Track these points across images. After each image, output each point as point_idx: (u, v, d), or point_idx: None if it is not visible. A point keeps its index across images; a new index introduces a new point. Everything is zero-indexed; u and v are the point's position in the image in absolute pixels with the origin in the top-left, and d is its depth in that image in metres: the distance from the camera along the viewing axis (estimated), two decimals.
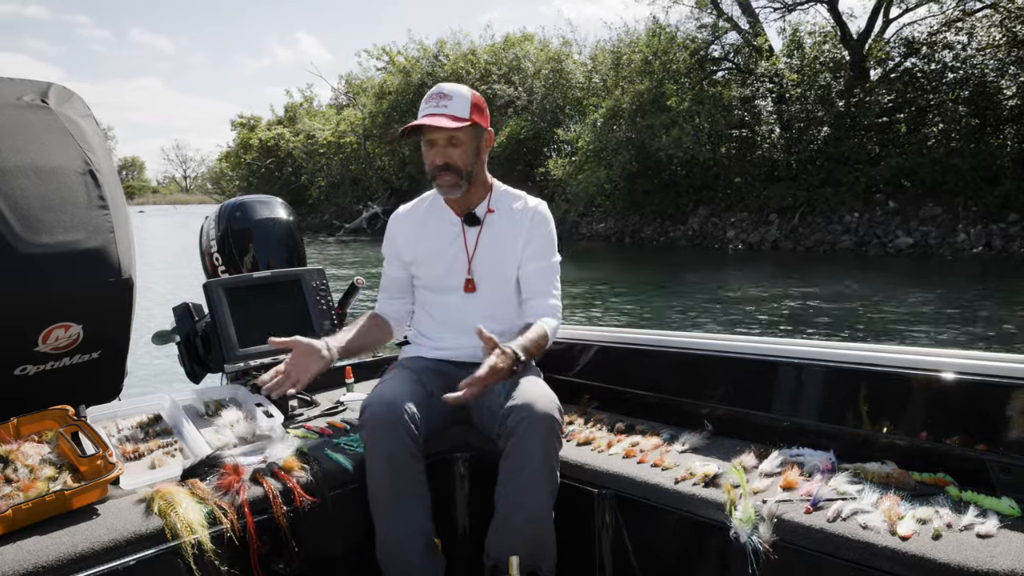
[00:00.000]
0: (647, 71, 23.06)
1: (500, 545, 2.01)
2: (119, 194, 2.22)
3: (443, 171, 2.26)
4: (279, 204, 2.73)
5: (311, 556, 1.99)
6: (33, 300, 1.99)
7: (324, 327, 2.46)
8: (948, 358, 1.86)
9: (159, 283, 14.45)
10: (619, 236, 24.06)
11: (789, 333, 9.58)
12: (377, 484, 2.01)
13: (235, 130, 52.68)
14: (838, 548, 1.60)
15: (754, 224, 20.93)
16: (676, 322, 10.68)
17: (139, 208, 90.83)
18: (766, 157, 21.56)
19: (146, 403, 2.29)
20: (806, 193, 19.96)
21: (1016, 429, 1.72)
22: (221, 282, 2.30)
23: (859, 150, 19.86)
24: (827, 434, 2.03)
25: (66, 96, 2.26)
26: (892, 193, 19.01)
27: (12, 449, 1.84)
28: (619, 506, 2.06)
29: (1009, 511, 1.62)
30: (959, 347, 2.52)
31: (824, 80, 21.27)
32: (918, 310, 10.81)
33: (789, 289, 13.23)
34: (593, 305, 12.16)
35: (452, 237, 2.38)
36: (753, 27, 22.94)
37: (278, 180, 46.42)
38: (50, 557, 1.55)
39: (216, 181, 69.33)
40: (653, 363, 2.24)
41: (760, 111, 22.20)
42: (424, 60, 34.95)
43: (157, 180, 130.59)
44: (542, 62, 29.28)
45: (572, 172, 23.76)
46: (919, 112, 19.68)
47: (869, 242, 18.53)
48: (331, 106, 47.04)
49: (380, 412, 2.01)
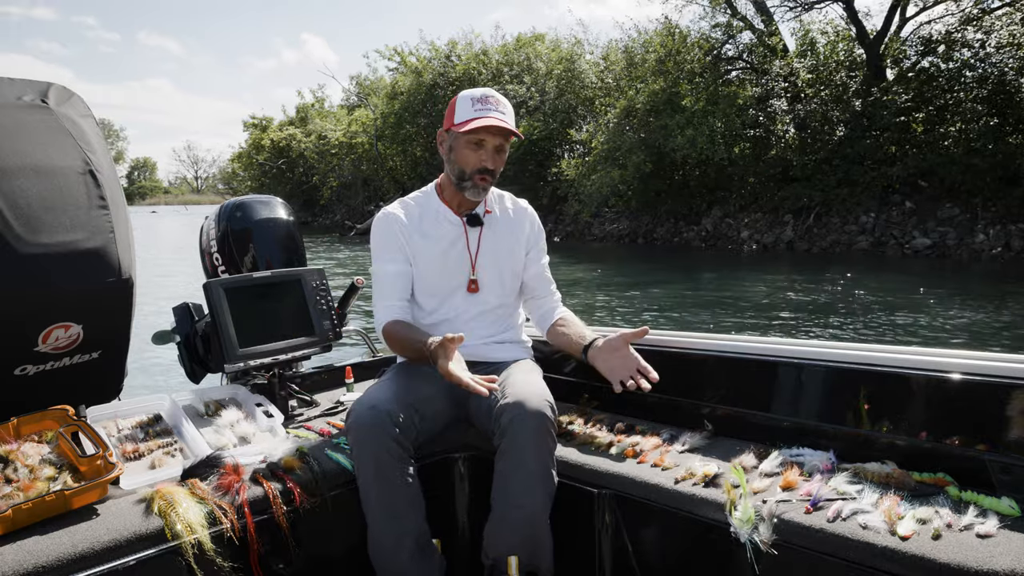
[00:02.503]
0: (661, 71, 23.01)
1: (497, 544, 2.00)
2: (119, 194, 2.22)
3: (486, 174, 2.30)
4: (279, 204, 2.73)
5: (311, 556, 2.00)
6: (33, 300, 2.00)
7: (324, 327, 2.46)
8: (948, 358, 1.85)
9: (172, 282, 14.53)
10: (632, 237, 24.02)
11: (806, 336, 9.51)
12: (365, 487, 2.01)
13: (247, 131, 53.06)
14: (838, 548, 1.59)
15: (768, 225, 20.83)
16: (693, 325, 10.62)
17: (152, 208, 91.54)
18: (780, 157, 21.43)
19: (146, 403, 2.30)
20: (821, 193, 19.84)
21: (1016, 429, 1.71)
22: (221, 282, 2.30)
23: (875, 150, 19.69)
24: (827, 434, 2.02)
25: (66, 96, 2.27)
26: (909, 193, 18.86)
27: (12, 449, 1.85)
28: (619, 506, 2.05)
29: (1009, 511, 1.60)
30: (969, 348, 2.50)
31: (840, 79, 21.15)
32: (942, 313, 10.69)
33: (806, 290, 13.15)
34: (607, 308, 12.11)
35: (454, 238, 2.39)
36: (767, 26, 22.83)
37: (290, 181, 46.71)
38: (50, 557, 1.55)
39: (228, 181, 69.80)
40: (653, 363, 2.23)
41: (775, 111, 22.06)
42: (436, 60, 35.03)
43: (169, 181, 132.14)
44: (554, 62, 29.27)
45: (586, 172, 23.73)
46: (937, 111, 19.49)
47: (886, 243, 18.39)
48: (343, 107, 47.28)
49: (363, 416, 2.00)
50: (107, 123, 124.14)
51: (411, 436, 2.05)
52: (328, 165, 41.63)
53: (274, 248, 2.63)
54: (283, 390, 2.55)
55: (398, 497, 2.00)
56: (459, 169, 2.31)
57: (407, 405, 2.08)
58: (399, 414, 2.03)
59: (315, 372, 2.95)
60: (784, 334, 9.60)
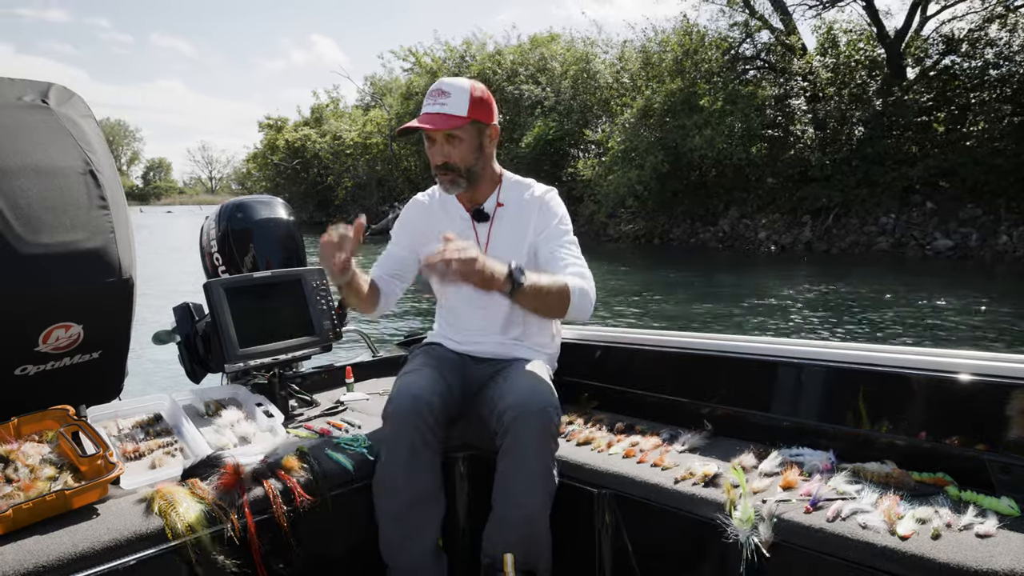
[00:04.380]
0: (679, 70, 22.92)
1: (495, 542, 2.01)
2: (119, 194, 2.23)
3: (442, 170, 2.25)
4: (279, 204, 2.74)
5: (311, 556, 2.00)
6: (33, 300, 2.00)
7: (324, 327, 2.47)
8: (948, 358, 1.85)
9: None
10: (648, 237, 23.92)
11: (826, 338, 9.41)
12: (392, 475, 2.02)
13: (262, 131, 53.27)
14: (837, 548, 1.59)
15: (786, 225, 20.68)
16: (710, 326, 10.55)
17: (167, 208, 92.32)
18: (799, 157, 21.24)
19: (146, 403, 2.31)
20: (840, 194, 19.67)
21: (1016, 429, 1.70)
22: (221, 282, 2.30)
23: (896, 150, 19.49)
24: (827, 434, 2.02)
25: (66, 96, 2.28)
26: (930, 194, 18.65)
27: (13, 449, 1.86)
28: (619, 506, 2.05)
29: (1008, 511, 1.61)
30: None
31: (860, 78, 20.96)
32: (967, 316, 10.57)
33: (826, 292, 13.03)
34: (624, 311, 12.06)
35: (462, 231, 2.35)
36: (786, 25, 22.68)
37: (304, 181, 46.82)
38: (50, 557, 1.55)
39: (242, 182, 70.14)
40: (653, 363, 2.23)
41: (793, 110, 21.89)
42: (450, 61, 35.06)
43: (184, 181, 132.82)
44: (569, 63, 29.22)
45: (602, 173, 23.66)
46: (959, 111, 19.26)
47: (906, 244, 18.20)
48: (357, 107, 47.39)
49: (406, 403, 2.02)
50: (122, 124, 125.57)
51: (443, 427, 2.08)
52: (343, 165, 41.74)
53: (274, 248, 2.64)
54: (283, 390, 2.56)
55: (426, 487, 2.02)
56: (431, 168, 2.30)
57: (440, 396, 2.10)
58: (439, 405, 2.06)
59: (315, 372, 2.95)
60: (810, 335, 9.51)
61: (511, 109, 29.81)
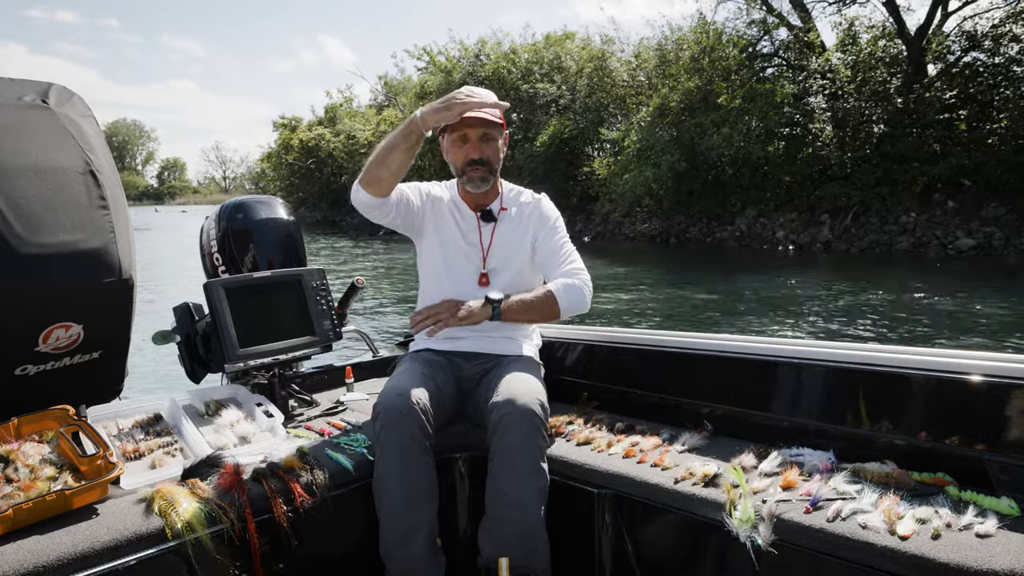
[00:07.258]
0: (696, 68, 22.81)
1: (490, 544, 2.01)
2: (119, 194, 2.24)
3: (477, 165, 2.36)
4: (279, 204, 2.74)
5: (311, 556, 2.00)
6: (34, 300, 2.01)
7: (324, 327, 2.47)
8: (948, 358, 1.84)
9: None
10: (664, 237, 23.82)
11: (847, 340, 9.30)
12: (385, 475, 2.02)
13: (277, 131, 53.52)
14: (837, 548, 1.59)
15: (804, 225, 20.49)
16: (724, 327, 10.48)
17: (181, 208, 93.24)
18: (818, 155, 21.02)
19: (146, 403, 2.32)
20: (860, 193, 19.46)
21: (1016, 429, 1.69)
22: (221, 282, 2.30)
23: (917, 148, 19.22)
24: (827, 434, 2.01)
25: (66, 96, 2.29)
26: (952, 192, 18.41)
27: (13, 449, 1.86)
28: (618, 506, 2.05)
29: (1008, 511, 1.60)
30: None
31: (880, 76, 20.73)
32: (994, 316, 10.44)
33: (846, 291, 12.91)
34: (637, 310, 12.02)
35: (467, 231, 2.47)
36: (804, 22, 22.50)
37: (318, 180, 47.02)
38: (50, 557, 1.56)
39: (256, 181, 70.49)
40: (653, 363, 2.22)
41: (812, 108, 21.72)
42: (465, 60, 35.07)
43: (198, 181, 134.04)
44: (584, 61, 29.14)
45: (618, 172, 23.60)
46: (981, 108, 18.97)
47: (928, 243, 17.95)
48: (371, 107, 47.53)
49: (393, 403, 2.04)
50: (138, 124, 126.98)
51: (433, 427, 2.09)
52: (357, 165, 41.73)
53: (274, 248, 2.64)
54: (283, 390, 2.56)
55: (418, 487, 2.02)
56: (454, 166, 2.42)
57: (429, 396, 2.12)
58: (427, 404, 2.08)
59: (315, 372, 2.96)
60: (833, 337, 9.41)
61: (526, 108, 29.78)
